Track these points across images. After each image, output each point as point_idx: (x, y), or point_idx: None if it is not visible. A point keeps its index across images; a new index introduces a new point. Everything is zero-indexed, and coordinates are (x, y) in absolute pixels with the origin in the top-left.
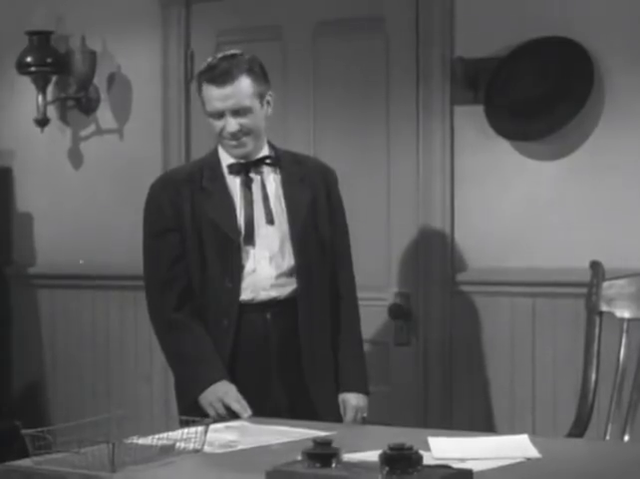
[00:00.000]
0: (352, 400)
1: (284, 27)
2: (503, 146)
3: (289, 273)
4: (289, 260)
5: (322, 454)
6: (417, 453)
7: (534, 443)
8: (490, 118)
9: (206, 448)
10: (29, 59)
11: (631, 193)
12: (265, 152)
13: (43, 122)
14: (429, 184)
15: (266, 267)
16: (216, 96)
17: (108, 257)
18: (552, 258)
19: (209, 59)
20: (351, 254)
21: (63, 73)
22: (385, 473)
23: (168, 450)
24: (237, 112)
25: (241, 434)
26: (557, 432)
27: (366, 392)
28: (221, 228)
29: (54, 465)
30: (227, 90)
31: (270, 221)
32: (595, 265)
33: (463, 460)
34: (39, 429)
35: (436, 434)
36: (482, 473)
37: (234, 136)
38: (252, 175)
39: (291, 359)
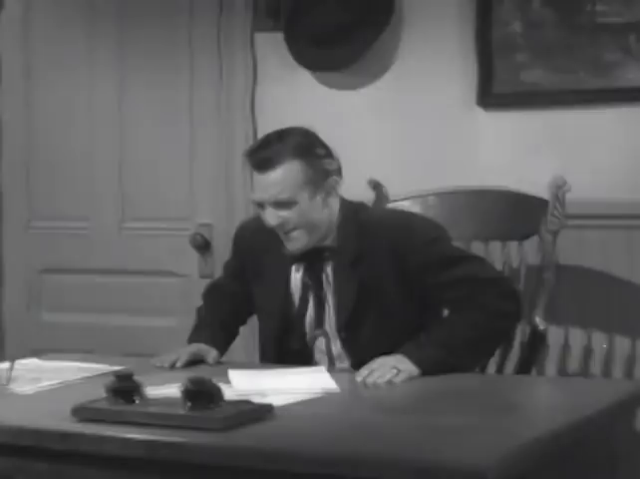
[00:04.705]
0: (377, 360)
1: None
2: (305, 76)
3: None
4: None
5: (124, 390)
6: (217, 388)
7: (335, 378)
8: (291, 46)
9: (12, 385)
10: None
11: (431, 121)
12: (329, 241)
13: None
14: (232, 115)
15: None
16: (259, 183)
17: None
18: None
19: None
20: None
21: None
22: (187, 408)
23: None
24: (278, 204)
25: (40, 371)
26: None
27: (416, 358)
28: (273, 320)
29: None
30: (270, 178)
31: (320, 325)
32: (377, 186)
33: (263, 395)
34: None
35: (237, 367)
36: (282, 407)
37: (279, 228)
38: (315, 266)
39: None
